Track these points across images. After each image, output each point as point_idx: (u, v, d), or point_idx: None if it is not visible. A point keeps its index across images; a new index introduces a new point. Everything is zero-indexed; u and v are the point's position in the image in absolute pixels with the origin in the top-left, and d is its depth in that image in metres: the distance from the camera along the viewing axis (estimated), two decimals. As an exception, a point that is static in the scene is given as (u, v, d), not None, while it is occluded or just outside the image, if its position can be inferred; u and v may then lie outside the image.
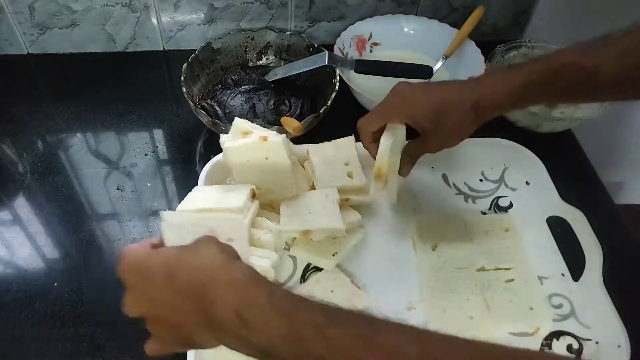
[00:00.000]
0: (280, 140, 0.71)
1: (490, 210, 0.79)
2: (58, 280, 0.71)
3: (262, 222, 0.70)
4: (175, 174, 0.84)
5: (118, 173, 0.84)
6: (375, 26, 0.99)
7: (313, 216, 0.71)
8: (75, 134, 0.90)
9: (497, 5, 1.03)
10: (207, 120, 0.81)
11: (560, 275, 0.72)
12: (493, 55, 0.91)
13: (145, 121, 0.92)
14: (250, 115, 0.88)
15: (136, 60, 1.02)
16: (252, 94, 0.92)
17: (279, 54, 0.98)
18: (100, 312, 0.68)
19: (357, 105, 0.92)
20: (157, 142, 0.89)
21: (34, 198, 0.80)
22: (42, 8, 0.94)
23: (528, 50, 0.94)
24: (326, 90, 0.88)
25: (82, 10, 0.95)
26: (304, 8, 0.99)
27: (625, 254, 0.76)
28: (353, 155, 0.79)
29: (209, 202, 0.69)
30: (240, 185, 0.72)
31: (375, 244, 0.74)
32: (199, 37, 1.02)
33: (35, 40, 0.99)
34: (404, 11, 1.01)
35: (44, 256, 0.74)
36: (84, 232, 0.77)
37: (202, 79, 0.93)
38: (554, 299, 0.70)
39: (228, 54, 0.96)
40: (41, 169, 0.84)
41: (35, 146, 0.88)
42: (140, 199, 0.81)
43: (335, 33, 0.97)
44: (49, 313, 0.68)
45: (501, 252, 0.72)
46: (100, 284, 0.71)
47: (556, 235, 0.76)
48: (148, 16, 0.98)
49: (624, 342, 0.62)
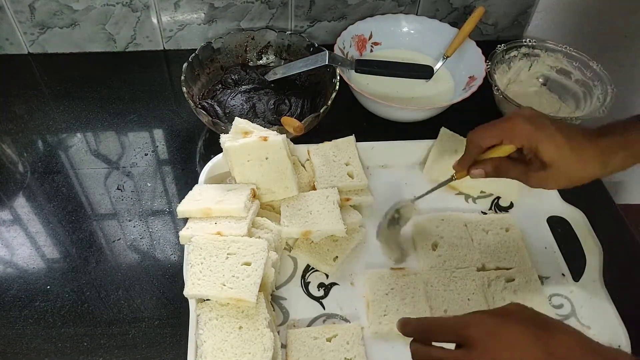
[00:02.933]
0: (280, 140, 0.71)
1: (490, 210, 0.79)
2: (58, 280, 0.71)
3: (262, 222, 0.71)
4: (175, 174, 0.84)
5: (118, 173, 0.84)
6: (375, 26, 0.99)
7: (313, 217, 0.71)
8: (75, 133, 0.90)
9: (498, 5, 1.03)
10: (207, 120, 0.81)
11: (561, 275, 0.72)
12: (493, 55, 0.91)
13: (145, 121, 0.92)
14: (250, 115, 0.88)
15: (136, 60, 1.02)
16: (252, 93, 0.92)
17: (279, 54, 0.98)
18: (100, 312, 0.68)
19: (357, 105, 0.92)
20: (157, 142, 0.89)
21: (34, 198, 0.80)
22: (43, 8, 0.94)
23: (528, 50, 0.94)
24: (326, 90, 0.88)
25: (82, 10, 0.95)
26: (304, 8, 0.99)
27: (625, 254, 0.76)
28: (353, 155, 0.79)
29: (209, 202, 0.69)
30: (240, 185, 0.72)
31: (375, 244, 0.74)
32: (199, 36, 1.02)
33: (35, 40, 0.99)
34: (405, 11, 1.01)
35: (44, 256, 0.74)
36: (84, 232, 0.77)
37: (202, 78, 0.93)
38: (555, 299, 0.70)
39: (228, 54, 0.96)
40: (41, 168, 0.84)
41: (35, 146, 0.88)
42: (140, 199, 0.81)
43: (336, 32, 0.96)
44: (49, 312, 0.68)
45: (501, 252, 0.72)
46: (100, 284, 0.71)
47: (556, 235, 0.76)
48: (148, 16, 0.98)
49: (624, 342, 0.62)
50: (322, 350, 0.62)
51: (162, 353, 0.65)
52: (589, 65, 0.90)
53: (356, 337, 0.64)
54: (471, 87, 0.88)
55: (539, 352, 0.44)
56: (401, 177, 0.83)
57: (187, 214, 0.70)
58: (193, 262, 0.64)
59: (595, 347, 0.46)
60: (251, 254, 0.64)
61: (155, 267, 0.73)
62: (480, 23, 0.97)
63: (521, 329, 0.46)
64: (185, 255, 0.66)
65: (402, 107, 0.86)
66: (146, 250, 0.75)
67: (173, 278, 0.72)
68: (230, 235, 0.66)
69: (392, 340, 0.65)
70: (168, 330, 0.67)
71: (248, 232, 0.67)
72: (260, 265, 0.63)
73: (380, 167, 0.84)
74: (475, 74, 0.90)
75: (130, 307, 0.69)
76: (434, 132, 0.84)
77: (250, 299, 0.60)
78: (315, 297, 0.69)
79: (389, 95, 0.92)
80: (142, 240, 0.76)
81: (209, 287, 0.61)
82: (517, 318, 0.47)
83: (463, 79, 0.93)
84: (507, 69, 0.95)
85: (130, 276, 0.72)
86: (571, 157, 0.59)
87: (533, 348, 0.45)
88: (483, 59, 0.90)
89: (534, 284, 0.69)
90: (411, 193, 0.81)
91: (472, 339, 0.46)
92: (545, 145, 0.59)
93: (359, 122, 0.91)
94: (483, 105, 0.90)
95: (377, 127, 0.90)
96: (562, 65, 0.93)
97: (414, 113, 0.88)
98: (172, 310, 0.69)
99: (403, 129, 0.88)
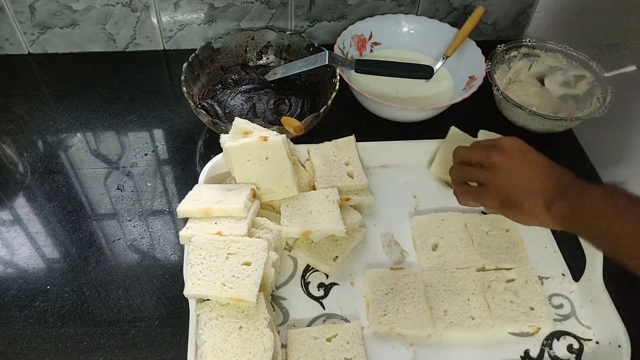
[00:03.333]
0: (280, 140, 0.71)
1: (490, 210, 0.79)
2: (58, 280, 0.71)
3: (262, 222, 0.71)
4: (175, 174, 0.84)
5: (118, 173, 0.84)
6: (375, 26, 0.99)
7: (313, 217, 0.71)
8: (75, 133, 0.90)
9: (498, 5, 1.03)
10: (207, 120, 0.81)
11: (561, 275, 0.72)
12: (493, 55, 0.91)
13: (145, 121, 0.92)
14: (250, 115, 0.88)
15: (136, 60, 1.02)
16: (252, 93, 0.92)
17: (279, 54, 0.98)
18: (100, 312, 0.68)
19: (357, 105, 0.92)
20: (157, 142, 0.89)
21: (34, 198, 0.80)
22: (43, 8, 0.94)
23: (528, 50, 0.94)
24: (326, 90, 0.88)
25: (82, 10, 0.95)
26: (304, 7, 0.99)
27: (625, 254, 0.76)
28: (353, 155, 0.79)
29: (209, 202, 0.69)
30: (240, 185, 0.72)
31: (375, 244, 0.74)
32: (199, 36, 1.02)
33: (35, 40, 0.99)
34: (405, 11, 1.01)
35: (44, 256, 0.74)
36: (84, 232, 0.77)
37: (202, 78, 0.93)
38: (555, 299, 0.70)
39: (228, 54, 0.96)
40: (41, 168, 0.84)
41: (35, 146, 0.88)
42: (140, 199, 0.81)
43: (336, 32, 0.96)
44: (49, 312, 0.68)
45: (502, 252, 0.72)
46: (100, 283, 0.71)
47: (556, 235, 0.76)
48: (148, 16, 0.98)
49: (624, 342, 0.62)
50: (322, 350, 0.62)
51: (162, 353, 0.65)
52: (589, 65, 0.90)
53: (356, 337, 0.64)
54: (471, 87, 0.88)
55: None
56: (401, 177, 0.82)
57: (187, 214, 0.70)
58: (193, 262, 0.64)
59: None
60: (251, 254, 0.64)
61: (155, 267, 0.73)
62: (480, 23, 0.97)
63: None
64: (185, 255, 0.66)
65: (402, 107, 0.86)
66: (146, 250, 0.75)
67: (173, 278, 0.72)
68: (230, 235, 0.66)
69: (392, 340, 0.65)
70: (168, 330, 0.67)
71: (248, 232, 0.67)
72: (260, 265, 0.63)
73: (380, 167, 0.84)
74: (475, 74, 0.90)
75: (130, 307, 0.69)
76: (434, 132, 0.84)
77: (250, 299, 0.60)
78: (315, 297, 0.69)
79: (389, 95, 0.92)
80: (142, 240, 0.76)
81: (209, 287, 0.61)
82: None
83: (463, 79, 0.93)
84: (507, 69, 0.95)
85: (130, 276, 0.72)
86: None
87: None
88: (483, 59, 0.90)
89: (534, 284, 0.69)
90: (411, 193, 0.81)
91: (495, 163, 0.64)
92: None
93: (359, 122, 0.91)
94: (483, 105, 0.90)
95: (377, 127, 0.90)
96: (562, 65, 0.93)
97: (414, 113, 0.88)
98: (172, 310, 0.69)
99: (403, 129, 0.88)
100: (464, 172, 0.69)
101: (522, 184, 0.62)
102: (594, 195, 0.59)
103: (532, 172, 0.63)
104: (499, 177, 0.64)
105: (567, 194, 0.60)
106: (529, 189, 0.62)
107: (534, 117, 0.85)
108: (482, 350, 0.65)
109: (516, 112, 0.87)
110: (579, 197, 0.59)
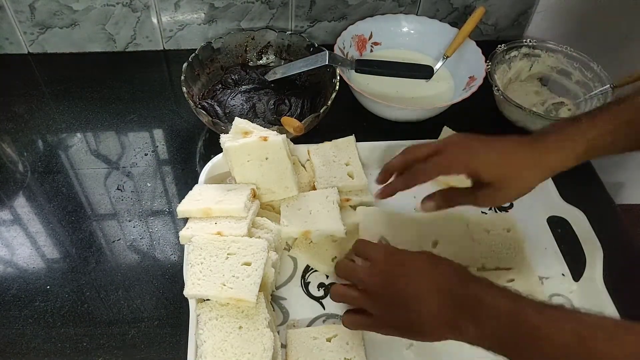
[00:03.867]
0: (280, 140, 0.71)
1: (491, 210, 0.79)
2: (58, 280, 0.71)
3: (262, 222, 0.71)
4: (175, 174, 0.84)
5: (118, 173, 0.84)
6: (375, 26, 0.99)
7: (313, 217, 0.71)
8: (75, 133, 0.90)
9: (498, 5, 1.03)
10: (207, 120, 0.81)
11: (561, 275, 0.72)
12: (494, 55, 0.91)
13: (145, 121, 0.92)
14: (250, 115, 0.88)
15: (136, 60, 1.02)
16: (252, 93, 0.92)
17: (279, 54, 0.98)
18: (100, 312, 0.68)
19: (357, 105, 0.92)
20: (157, 142, 0.89)
21: (34, 198, 0.80)
22: (43, 7, 0.94)
23: (529, 50, 0.94)
24: (326, 90, 0.88)
25: (82, 10, 0.95)
26: (304, 8, 0.99)
27: (625, 254, 0.76)
28: (353, 155, 0.79)
29: (209, 202, 0.69)
30: (240, 185, 0.72)
31: (375, 244, 0.74)
32: (199, 36, 1.02)
33: (35, 40, 0.99)
34: (405, 11, 1.01)
35: (44, 256, 0.74)
36: (83, 232, 0.77)
37: (202, 78, 0.93)
38: (555, 299, 0.70)
39: (228, 54, 0.96)
40: (41, 168, 0.84)
41: (35, 145, 0.88)
42: (140, 199, 0.81)
43: (336, 33, 0.96)
44: (49, 312, 0.68)
45: (502, 251, 0.72)
46: (100, 284, 0.71)
47: (557, 235, 0.76)
48: (148, 16, 0.98)
49: (625, 343, 0.62)
50: (322, 350, 0.62)
51: (162, 353, 0.65)
52: (589, 66, 0.90)
53: (356, 338, 0.63)
54: (471, 87, 0.88)
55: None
56: (401, 177, 0.82)
57: (187, 214, 0.70)
58: (193, 262, 0.64)
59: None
60: (251, 254, 0.64)
61: (155, 267, 0.73)
62: (481, 23, 0.97)
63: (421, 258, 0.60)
64: (185, 255, 0.66)
65: (402, 107, 0.86)
66: (146, 251, 0.75)
67: (173, 278, 0.72)
68: (230, 235, 0.66)
69: (392, 341, 0.65)
70: (168, 330, 0.67)
71: (248, 232, 0.67)
72: (260, 265, 0.63)
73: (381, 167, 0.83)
74: (475, 74, 0.90)
75: (130, 307, 0.69)
76: (434, 132, 0.83)
77: (250, 299, 0.60)
78: (315, 297, 0.69)
79: (389, 95, 0.92)
80: (142, 240, 0.76)
81: (209, 287, 0.61)
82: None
83: (463, 79, 0.93)
84: (508, 69, 0.95)
85: (130, 276, 0.72)
86: (510, 170, 0.59)
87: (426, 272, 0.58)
88: (483, 59, 0.90)
89: (534, 284, 0.69)
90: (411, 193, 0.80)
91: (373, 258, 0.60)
92: (482, 167, 0.60)
93: (359, 122, 0.91)
94: (483, 105, 0.90)
95: (377, 127, 0.90)
96: (562, 65, 0.93)
97: (414, 113, 0.88)
98: (172, 310, 0.69)
99: (403, 129, 0.88)
100: (347, 271, 0.62)
101: (409, 308, 0.55)
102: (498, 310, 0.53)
103: (413, 290, 0.56)
104: (380, 305, 0.57)
105: (469, 311, 0.54)
106: (422, 312, 0.55)
107: (534, 117, 0.85)
108: (483, 351, 0.65)
109: (516, 112, 0.87)
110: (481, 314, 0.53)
